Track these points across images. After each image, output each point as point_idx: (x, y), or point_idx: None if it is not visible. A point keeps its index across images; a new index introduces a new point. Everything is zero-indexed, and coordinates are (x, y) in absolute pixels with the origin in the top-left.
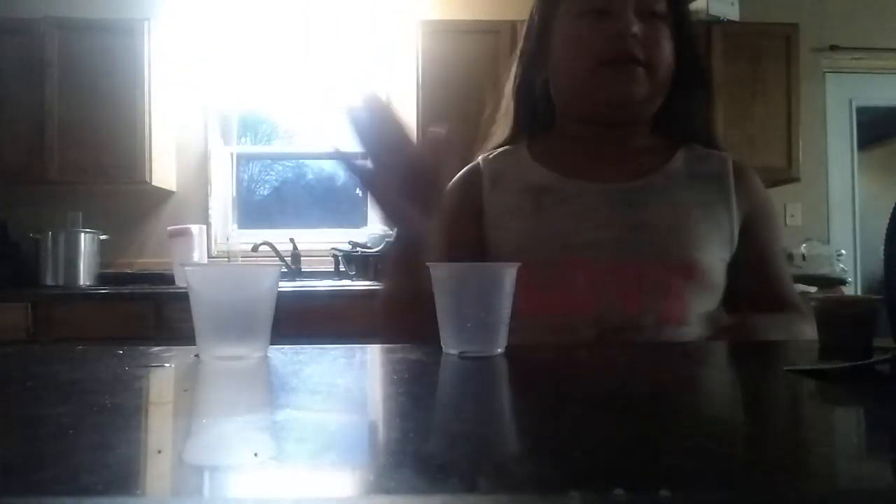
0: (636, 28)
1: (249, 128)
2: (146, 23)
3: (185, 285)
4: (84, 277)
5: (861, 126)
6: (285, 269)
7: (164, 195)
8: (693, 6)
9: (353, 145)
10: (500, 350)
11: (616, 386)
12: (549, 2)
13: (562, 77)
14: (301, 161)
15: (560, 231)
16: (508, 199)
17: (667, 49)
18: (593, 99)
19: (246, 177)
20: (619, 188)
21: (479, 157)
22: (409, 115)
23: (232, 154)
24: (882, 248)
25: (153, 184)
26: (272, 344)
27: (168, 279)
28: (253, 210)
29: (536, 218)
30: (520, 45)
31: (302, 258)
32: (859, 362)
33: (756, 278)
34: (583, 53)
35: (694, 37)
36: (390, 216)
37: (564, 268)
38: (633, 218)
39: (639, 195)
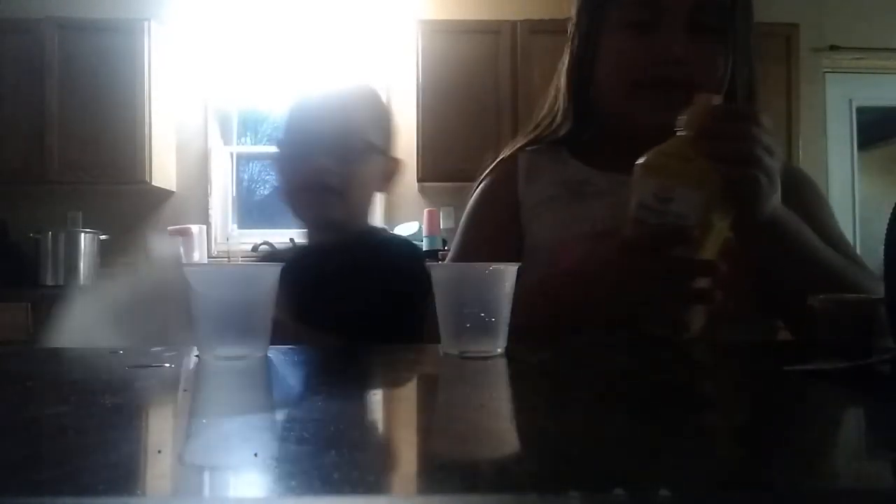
0: (679, 48)
1: (249, 127)
2: (146, 23)
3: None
4: (84, 277)
5: (861, 126)
6: None
7: (164, 195)
8: None
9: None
10: (500, 350)
11: (616, 386)
12: (595, 7)
13: (603, 90)
14: None
15: (593, 220)
16: (544, 191)
17: (719, 66)
18: (631, 119)
19: (246, 177)
20: None
21: (517, 150)
22: (409, 114)
23: (232, 154)
24: (882, 248)
25: (153, 184)
26: (272, 344)
27: None
28: (253, 210)
29: (571, 208)
30: (570, 41)
31: None
32: (859, 362)
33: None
34: (621, 72)
35: (751, 54)
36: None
37: (598, 256)
38: None
39: None
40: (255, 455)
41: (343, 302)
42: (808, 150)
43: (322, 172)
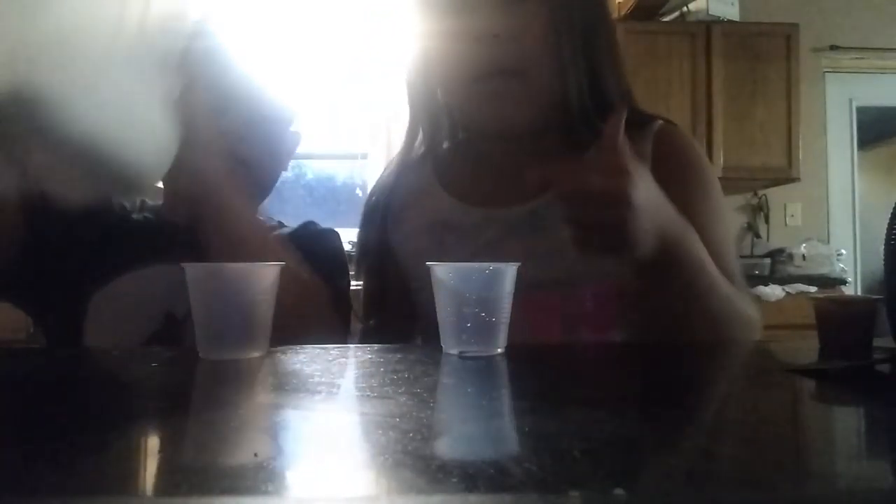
0: (497, 27)
1: None
2: None
3: None
4: None
5: (861, 126)
6: None
7: None
8: (693, 6)
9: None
10: (500, 350)
11: (616, 386)
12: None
13: (441, 92)
14: (301, 161)
15: None
16: (411, 242)
17: (536, 34)
18: (473, 119)
19: None
20: (517, 213)
21: (381, 187)
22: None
23: None
24: (882, 248)
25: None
26: (272, 344)
27: None
28: None
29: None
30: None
31: None
32: (859, 362)
33: None
34: (445, 68)
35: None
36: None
37: None
38: (535, 244)
39: (541, 216)
40: (255, 455)
41: None
42: (808, 150)
43: (237, 139)
